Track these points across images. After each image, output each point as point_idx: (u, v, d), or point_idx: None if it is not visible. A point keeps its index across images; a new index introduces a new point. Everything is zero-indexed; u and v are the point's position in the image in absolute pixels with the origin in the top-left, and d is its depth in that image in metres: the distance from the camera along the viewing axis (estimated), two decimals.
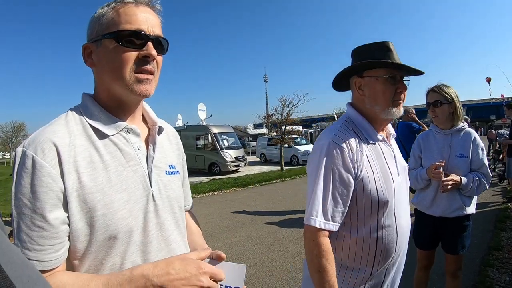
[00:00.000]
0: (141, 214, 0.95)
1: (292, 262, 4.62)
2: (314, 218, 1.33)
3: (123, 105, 1.00)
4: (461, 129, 2.56)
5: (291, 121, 16.49)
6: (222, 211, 8.24)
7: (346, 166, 1.35)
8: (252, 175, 14.80)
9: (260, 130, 35.73)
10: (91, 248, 0.87)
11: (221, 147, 17.01)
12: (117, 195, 0.90)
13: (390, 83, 1.40)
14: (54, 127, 0.89)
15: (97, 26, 0.96)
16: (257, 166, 19.83)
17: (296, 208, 7.94)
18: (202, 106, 20.56)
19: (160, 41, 0.99)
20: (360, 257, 1.42)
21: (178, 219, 1.09)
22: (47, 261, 0.81)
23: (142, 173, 0.98)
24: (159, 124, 1.10)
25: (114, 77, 0.94)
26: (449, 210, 2.51)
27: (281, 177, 13.74)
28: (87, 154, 0.89)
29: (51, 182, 0.81)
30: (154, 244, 0.97)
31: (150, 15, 0.97)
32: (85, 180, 0.86)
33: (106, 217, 0.87)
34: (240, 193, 10.97)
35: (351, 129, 1.46)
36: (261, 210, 7.94)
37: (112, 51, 0.92)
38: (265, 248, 5.22)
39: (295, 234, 5.87)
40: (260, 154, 23.39)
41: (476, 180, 2.43)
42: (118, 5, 0.95)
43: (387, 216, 1.41)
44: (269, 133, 24.54)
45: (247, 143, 31.99)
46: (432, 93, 2.58)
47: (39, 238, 0.80)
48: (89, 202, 0.85)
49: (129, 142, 0.98)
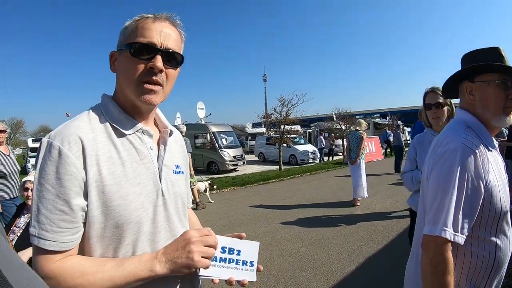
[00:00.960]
0: (151, 207, 1.05)
1: (290, 261, 4.63)
2: (446, 229, 1.22)
3: (136, 109, 1.09)
4: None
5: (290, 121, 16.47)
6: (220, 210, 8.23)
7: (479, 173, 1.26)
8: (250, 174, 14.78)
9: (259, 129, 35.69)
10: (105, 235, 0.96)
11: (220, 146, 16.99)
12: (131, 189, 1.00)
13: (502, 89, 1.34)
14: (79, 123, 0.98)
15: (122, 36, 1.07)
16: (255, 165, 19.81)
17: (294, 207, 7.96)
18: (201, 105, 20.52)
19: (172, 54, 1.06)
20: (478, 272, 1.31)
21: (180, 214, 1.18)
22: (64, 242, 0.90)
23: (153, 170, 1.08)
24: (170, 128, 1.21)
25: (126, 84, 1.04)
26: None
27: (279, 176, 13.72)
28: (106, 149, 0.98)
29: (75, 172, 0.90)
30: (162, 234, 1.07)
31: (167, 29, 1.05)
32: (104, 173, 0.95)
33: (120, 207, 0.96)
34: (238, 192, 10.97)
35: (474, 134, 1.37)
36: (259, 210, 7.94)
37: (126, 61, 1.02)
38: (263, 247, 5.18)
39: (293, 233, 5.89)
40: (259, 153, 23.35)
41: None
42: (140, 19, 1.05)
43: (505, 227, 1.33)
44: (267, 133, 24.55)
45: (246, 142, 31.94)
46: (433, 94, 2.57)
47: (59, 221, 0.89)
48: (107, 193, 0.95)
49: (143, 142, 1.09)
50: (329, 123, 24.86)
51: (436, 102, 2.53)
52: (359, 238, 5.41)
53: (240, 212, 7.81)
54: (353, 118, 23.76)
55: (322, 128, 25.89)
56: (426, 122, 2.70)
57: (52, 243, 0.88)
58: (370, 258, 4.60)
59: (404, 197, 7.37)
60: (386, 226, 5.98)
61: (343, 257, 4.68)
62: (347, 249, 4.98)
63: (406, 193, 3.12)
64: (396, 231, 5.60)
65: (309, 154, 19.75)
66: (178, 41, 1.10)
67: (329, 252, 4.88)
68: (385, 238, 5.33)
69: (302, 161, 19.53)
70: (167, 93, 1.10)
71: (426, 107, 2.62)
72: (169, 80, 1.08)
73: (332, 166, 17.09)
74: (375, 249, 4.90)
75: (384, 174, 12.71)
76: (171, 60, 1.06)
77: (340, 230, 5.92)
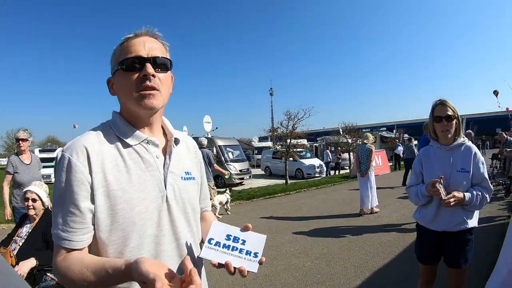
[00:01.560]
0: (156, 211, 1.12)
1: (295, 276, 4.59)
2: None
3: (140, 120, 1.19)
4: (462, 144, 2.56)
5: (296, 135, 16.46)
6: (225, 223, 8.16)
7: None
8: (256, 188, 14.74)
9: (265, 143, 35.73)
10: (112, 238, 1.05)
11: (226, 159, 17.03)
12: (136, 194, 1.08)
13: None
14: (88, 136, 1.11)
15: (113, 62, 1.19)
16: (261, 179, 19.77)
17: (300, 221, 7.92)
18: (207, 119, 20.64)
19: (160, 60, 1.16)
20: None
21: (190, 218, 1.25)
22: (75, 241, 1.03)
23: (158, 178, 1.16)
24: (175, 136, 1.27)
25: (126, 97, 1.14)
26: (451, 224, 2.50)
27: (285, 190, 13.67)
28: (113, 158, 1.09)
29: (82, 178, 1.02)
30: (166, 237, 1.14)
31: (148, 42, 1.16)
32: (110, 179, 1.05)
33: (125, 210, 1.05)
34: (244, 206, 10.95)
35: None
36: (264, 224, 7.91)
37: (121, 78, 1.14)
38: (268, 262, 5.16)
39: (298, 248, 5.84)
40: (265, 167, 23.32)
41: (479, 195, 2.43)
42: (123, 41, 1.17)
43: None
44: (274, 146, 24.54)
45: (252, 156, 31.95)
46: (442, 107, 2.54)
47: (71, 222, 1.02)
48: (112, 198, 1.05)
49: (149, 151, 1.17)
50: (336, 137, 24.84)
51: (446, 115, 2.50)
52: (365, 253, 5.35)
53: None
54: (359, 131, 23.74)
55: (329, 142, 25.87)
56: (432, 135, 2.67)
57: (65, 242, 1.03)
58: (376, 272, 4.54)
59: (411, 210, 7.31)
60: (393, 240, 5.92)
61: (349, 271, 4.63)
62: (353, 263, 4.92)
63: (413, 207, 3.10)
64: (403, 246, 5.53)
65: (315, 168, 19.68)
66: (162, 49, 1.21)
67: (334, 267, 4.83)
68: (391, 253, 5.26)
69: (308, 175, 19.44)
70: (165, 96, 1.20)
71: (435, 120, 2.58)
72: (164, 83, 1.17)
73: (338, 180, 17.00)
74: (381, 263, 4.84)
75: (390, 188, 12.61)
76: (160, 65, 1.16)
77: (346, 245, 5.87)
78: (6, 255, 2.97)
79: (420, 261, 2.76)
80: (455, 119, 2.51)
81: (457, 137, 2.56)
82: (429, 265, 2.71)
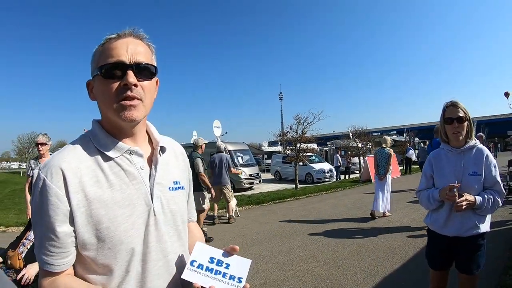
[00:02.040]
0: (143, 227, 1.05)
1: (304, 281, 4.56)
2: None
3: (121, 130, 1.09)
4: (473, 147, 2.52)
5: (306, 139, 16.43)
6: (234, 228, 8.22)
7: None
8: (266, 192, 14.73)
9: (275, 147, 35.70)
10: (99, 257, 0.99)
11: (236, 164, 17.04)
12: (120, 210, 1.01)
13: None
14: (63, 153, 1.02)
15: (93, 63, 1.08)
16: (271, 184, 19.79)
17: (310, 226, 7.88)
18: (217, 123, 20.69)
19: (144, 67, 1.05)
20: None
21: (180, 231, 1.18)
22: (55, 265, 0.98)
23: (144, 191, 1.07)
24: (161, 144, 1.17)
25: (106, 106, 1.04)
26: (463, 229, 2.46)
27: (295, 195, 13.61)
28: (93, 174, 1.01)
29: (57, 201, 0.95)
30: (153, 254, 1.06)
31: (132, 45, 1.05)
32: (91, 197, 0.98)
33: (110, 229, 0.98)
34: (254, 211, 10.94)
35: None
36: (274, 229, 7.89)
37: (101, 84, 1.03)
38: (277, 267, 5.16)
39: (307, 252, 5.81)
40: (275, 172, 23.32)
41: (490, 198, 2.39)
42: (104, 42, 1.06)
43: None
44: (284, 151, 24.48)
45: (262, 161, 31.95)
46: (453, 108, 2.51)
47: (49, 246, 0.96)
48: (95, 217, 0.97)
49: (132, 162, 1.08)
50: (346, 141, 24.68)
51: (458, 116, 2.46)
52: (375, 258, 5.30)
53: (255, 231, 7.77)
54: (369, 135, 23.54)
55: (339, 146, 25.69)
56: (443, 137, 2.63)
57: (46, 265, 0.98)
58: (386, 278, 4.50)
59: (422, 215, 7.22)
60: (403, 245, 5.85)
61: (358, 277, 4.58)
62: (363, 269, 4.88)
63: (424, 211, 3.06)
64: (413, 250, 5.46)
65: (325, 173, 19.63)
66: (148, 53, 1.10)
67: (344, 272, 4.79)
68: (402, 258, 5.20)
69: (318, 179, 19.40)
70: (148, 106, 1.09)
71: (446, 121, 2.54)
72: (147, 92, 1.07)
73: (349, 184, 16.87)
74: (392, 268, 4.79)
75: (401, 191, 12.46)
76: (143, 72, 1.05)
77: (356, 250, 5.82)
78: (14, 257, 3.01)
79: (431, 267, 2.72)
80: (467, 121, 2.48)
81: (468, 139, 2.52)
82: (440, 271, 2.67)
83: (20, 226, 7.83)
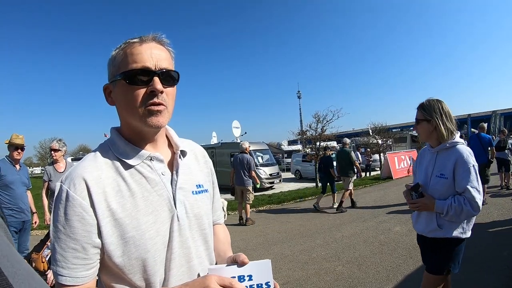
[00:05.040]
0: (167, 233, 1.05)
1: (326, 280, 4.60)
2: None
3: (143, 136, 1.10)
4: (448, 148, 2.43)
5: (326, 137, 16.34)
6: (256, 228, 8.33)
7: None
8: (287, 192, 14.78)
9: (295, 146, 35.63)
10: (127, 267, 0.99)
11: (256, 164, 17.10)
12: (144, 218, 1.01)
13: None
14: (85, 163, 1.02)
15: (111, 68, 1.07)
16: (292, 183, 19.76)
17: (331, 225, 7.89)
18: (236, 124, 20.84)
19: (168, 73, 1.06)
20: None
21: (207, 235, 1.18)
22: (79, 277, 0.95)
23: (167, 196, 1.07)
24: (181, 148, 1.18)
25: (129, 113, 1.04)
26: (426, 229, 2.49)
27: (316, 193, 13.47)
28: (115, 184, 1.01)
29: (82, 212, 0.94)
30: (176, 261, 1.06)
31: (156, 50, 1.05)
32: (114, 207, 0.98)
33: (135, 238, 0.98)
34: (275, 210, 11.02)
35: None
36: (295, 228, 7.94)
37: (124, 90, 1.03)
38: (299, 266, 5.22)
39: (329, 251, 5.84)
40: (295, 171, 23.25)
41: (455, 205, 2.27)
42: (126, 46, 1.05)
43: None
44: (303, 150, 24.39)
45: (282, 160, 31.94)
46: (417, 111, 2.56)
47: (72, 258, 0.94)
48: (119, 226, 0.97)
49: (153, 169, 1.08)
50: (365, 138, 24.41)
51: (416, 118, 2.55)
52: (397, 256, 5.28)
53: (276, 230, 7.85)
54: (389, 132, 23.20)
55: (358, 143, 25.44)
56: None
57: (68, 279, 0.94)
58: (408, 276, 4.48)
59: None
60: None
61: (381, 275, 4.59)
62: (385, 267, 4.87)
63: None
64: None
65: None
66: (169, 59, 1.10)
67: (366, 271, 4.80)
68: None
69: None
70: (171, 112, 1.10)
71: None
72: (171, 98, 1.08)
73: (369, 181, 16.68)
74: (414, 266, 4.76)
75: None
76: (168, 79, 1.06)
77: (378, 248, 5.80)
78: (38, 260, 3.09)
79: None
80: (425, 122, 2.48)
81: (440, 139, 2.45)
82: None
83: (44, 230, 8.04)
